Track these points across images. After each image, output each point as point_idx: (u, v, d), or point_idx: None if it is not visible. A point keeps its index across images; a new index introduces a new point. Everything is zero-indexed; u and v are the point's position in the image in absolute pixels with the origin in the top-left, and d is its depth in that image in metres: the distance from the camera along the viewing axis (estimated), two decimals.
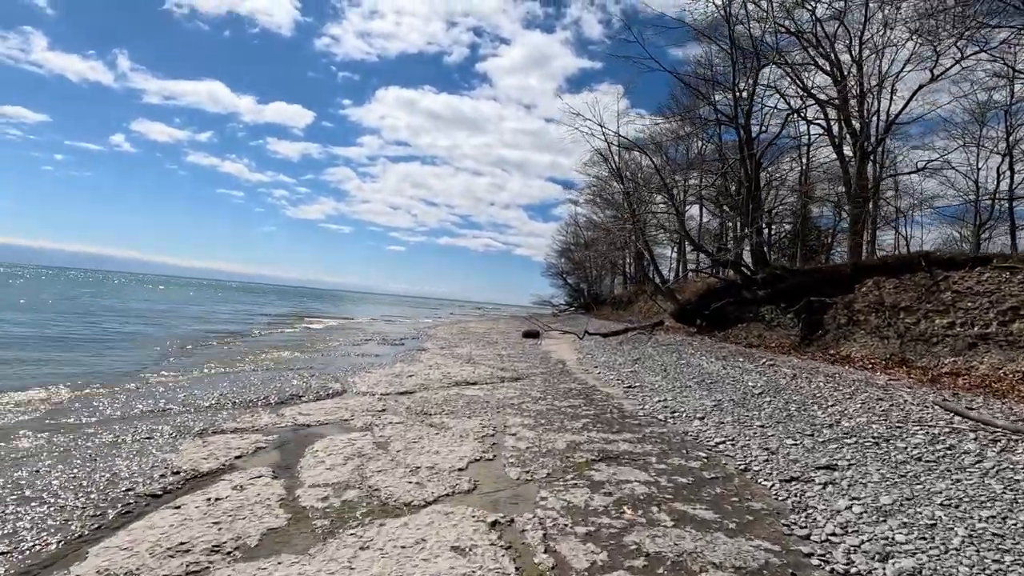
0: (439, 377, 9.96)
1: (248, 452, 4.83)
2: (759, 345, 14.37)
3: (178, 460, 4.42)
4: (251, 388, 7.93)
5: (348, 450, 5.02)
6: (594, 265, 60.50)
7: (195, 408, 6.52)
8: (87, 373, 8.85)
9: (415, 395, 8.17)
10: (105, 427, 5.43)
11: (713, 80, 18.48)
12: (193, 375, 9.23)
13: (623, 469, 4.76)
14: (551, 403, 7.79)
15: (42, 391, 7.32)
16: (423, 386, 8.97)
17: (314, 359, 12.24)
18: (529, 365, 12.56)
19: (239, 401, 6.99)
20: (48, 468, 4.10)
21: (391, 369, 10.76)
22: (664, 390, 8.74)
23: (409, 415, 6.67)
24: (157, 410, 6.29)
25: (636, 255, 41.10)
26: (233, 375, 9.35)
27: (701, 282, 20.31)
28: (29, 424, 5.54)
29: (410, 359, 12.78)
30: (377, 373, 10.10)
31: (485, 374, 10.65)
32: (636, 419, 6.90)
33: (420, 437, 5.59)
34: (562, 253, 74.10)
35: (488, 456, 5.02)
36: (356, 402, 7.34)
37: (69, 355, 10.97)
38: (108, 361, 10.39)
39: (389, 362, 12.18)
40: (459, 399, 7.85)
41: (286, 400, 7.33)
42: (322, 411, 6.65)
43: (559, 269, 77.98)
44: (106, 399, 6.77)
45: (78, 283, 63.05)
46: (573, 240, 66.85)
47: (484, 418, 6.62)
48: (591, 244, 58.02)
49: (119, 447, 4.70)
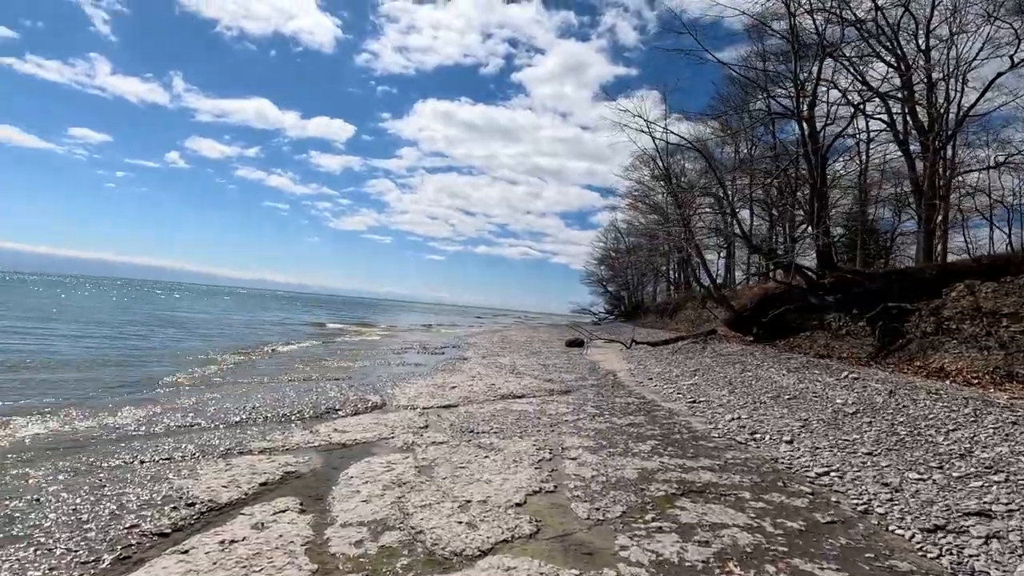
0: (483, 389, 9.27)
1: (275, 478, 4.23)
2: (829, 356, 13.10)
3: (195, 488, 3.85)
4: (286, 401, 7.42)
5: (387, 476, 4.37)
6: (636, 272, 58.96)
7: (223, 423, 6.02)
8: (121, 385, 8.57)
9: (459, 409, 7.50)
10: (124, 446, 4.96)
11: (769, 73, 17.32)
12: (227, 386, 8.83)
13: (713, 507, 3.92)
14: (609, 420, 6.97)
15: (71, 404, 7.00)
16: (467, 399, 8.30)
17: (353, 369, 11.77)
18: (578, 377, 11.74)
19: (272, 416, 6.47)
20: (50, 497, 3.59)
21: (432, 380, 10.15)
22: (735, 406, 7.79)
23: (454, 433, 5.99)
24: (183, 426, 5.82)
25: (681, 261, 39.67)
26: (269, 386, 8.91)
27: (757, 288, 19.02)
28: (45, 441, 5.12)
29: (452, 369, 12.16)
30: (418, 384, 9.49)
31: (532, 386, 9.90)
32: (711, 441, 6.01)
33: (468, 461, 4.89)
34: (602, 260, 72.66)
35: (548, 486, 4.27)
36: (396, 417, 6.72)
37: (106, 365, 10.83)
38: (143, 372, 10.15)
39: (430, 372, 11.59)
40: (507, 414, 7.13)
41: (322, 414, 6.78)
42: (359, 427, 6.05)
43: (599, 276, 76.58)
44: (132, 413, 6.37)
45: (136, 293, 65.71)
46: (613, 247, 65.54)
47: (537, 438, 5.87)
48: (633, 250, 56.66)
49: (133, 471, 4.18)
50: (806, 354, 13.61)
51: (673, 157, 39.47)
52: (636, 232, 53.06)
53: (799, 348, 14.71)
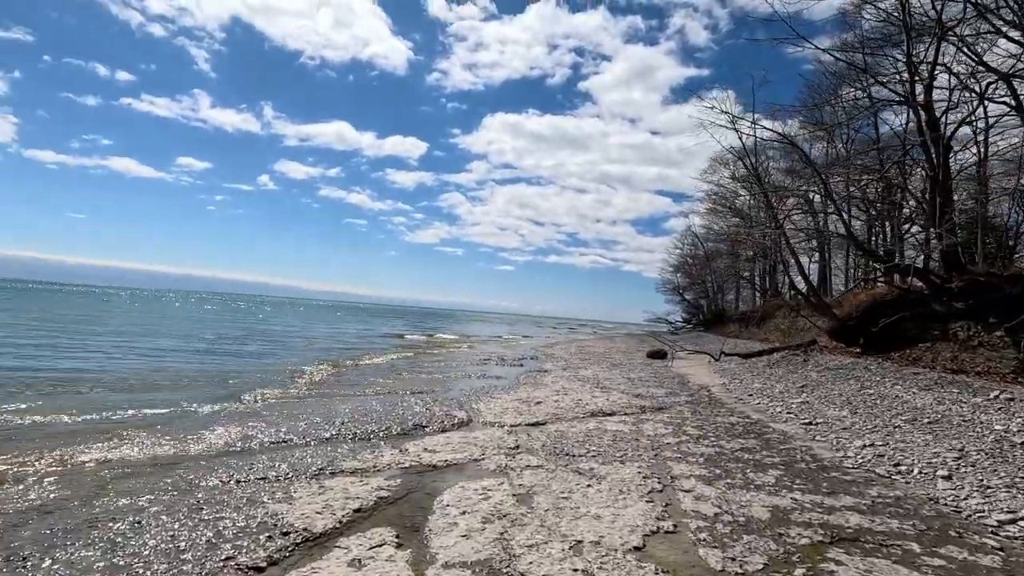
0: (571, 405, 8.79)
1: (368, 504, 3.99)
2: (962, 371, 11.48)
3: (290, 514, 3.66)
4: (372, 416, 7.31)
5: (484, 506, 4.00)
6: (716, 279, 56.15)
7: (314, 440, 5.93)
8: (215, 399, 8.85)
9: (548, 428, 7.07)
10: (220, 462, 4.93)
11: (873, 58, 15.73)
12: (315, 400, 8.91)
13: (878, 563, 3.24)
14: (717, 444, 6.28)
15: (169, 418, 7.23)
16: (555, 416, 7.86)
17: (434, 381, 11.67)
18: (668, 392, 10.98)
19: (359, 432, 6.34)
20: (151, 520, 3.51)
21: (516, 394, 9.79)
22: (862, 430, 6.83)
23: (548, 456, 5.56)
24: (276, 442, 5.78)
25: (769, 266, 37.19)
26: (355, 400, 8.91)
27: (864, 294, 17.22)
28: (146, 457, 5.20)
29: (534, 383, 11.77)
30: (502, 399, 9.17)
31: (621, 402, 9.30)
32: (845, 473, 5.20)
33: (569, 490, 4.44)
34: (678, 267, 69.99)
35: (667, 525, 3.74)
36: (484, 435, 6.39)
37: (201, 379, 11.35)
38: (236, 385, 10.51)
39: (512, 385, 11.26)
40: (601, 435, 6.62)
41: (409, 431, 6.58)
42: (448, 447, 5.77)
43: (675, 284, 73.75)
44: (227, 428, 6.44)
45: (231, 306, 70.86)
46: (691, 253, 62.99)
47: (640, 463, 5.32)
48: (712, 256, 54.10)
49: (229, 492, 4.08)
50: (931, 369, 12.04)
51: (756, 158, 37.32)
52: (715, 237, 50.71)
53: (920, 361, 13.06)
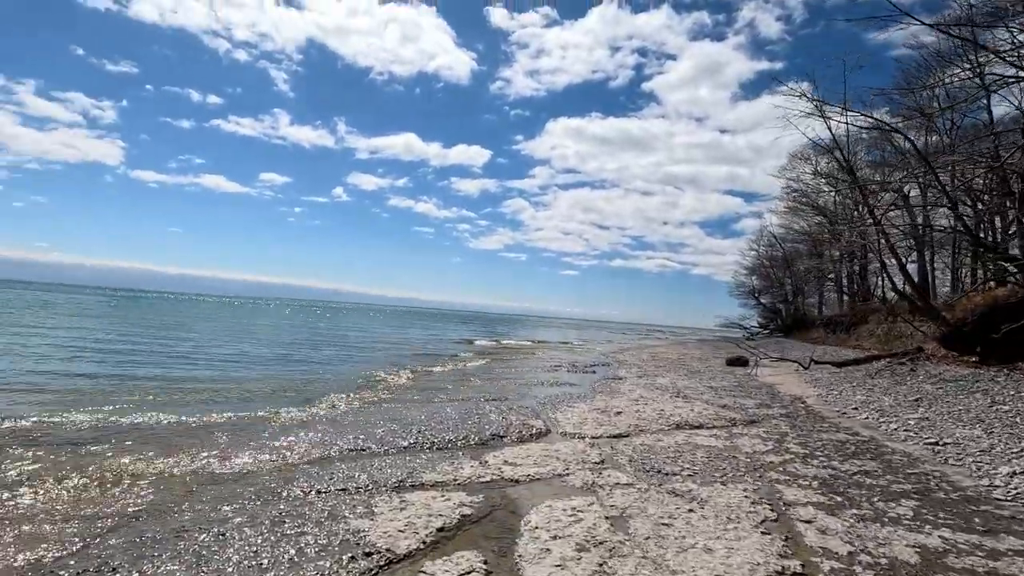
0: (653, 416, 8.24)
1: (452, 522, 3.72)
2: None
3: (372, 532, 3.46)
4: (448, 424, 7.12)
5: (577, 530, 3.64)
6: (796, 281, 52.75)
7: (392, 448, 5.79)
8: (294, 404, 9.00)
9: (632, 440, 6.59)
10: (301, 471, 4.86)
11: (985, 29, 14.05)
12: (391, 406, 8.87)
13: None
14: (829, 465, 5.58)
15: (252, 425, 7.36)
16: (638, 428, 7.36)
17: (506, 388, 11.42)
18: (758, 403, 10.15)
19: (437, 441, 6.15)
20: (234, 532, 3.41)
21: (593, 403, 9.34)
22: (1006, 454, 5.86)
23: (638, 473, 5.11)
24: (355, 450, 5.67)
25: (859, 268, 34.42)
26: (428, 405, 8.79)
27: (980, 297, 15.36)
28: (230, 464, 5.22)
29: (610, 391, 11.25)
30: (579, 408, 8.75)
31: (708, 414, 8.63)
32: (999, 506, 4.41)
33: (669, 515, 3.98)
34: (753, 270, 66.54)
35: (794, 566, 3.21)
36: (565, 448, 6.01)
37: (279, 384, 11.68)
38: (313, 390, 10.70)
39: (587, 393, 10.81)
40: (692, 450, 6.07)
41: (487, 441, 6.32)
42: (529, 459, 5.44)
43: (750, 288, 70.15)
44: (306, 435, 6.43)
45: (308, 312, 74.51)
46: (767, 254, 59.69)
47: (746, 486, 4.76)
48: (792, 258, 50.94)
49: (310, 504, 3.95)
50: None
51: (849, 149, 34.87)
52: (795, 237, 47.72)
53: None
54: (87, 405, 7.62)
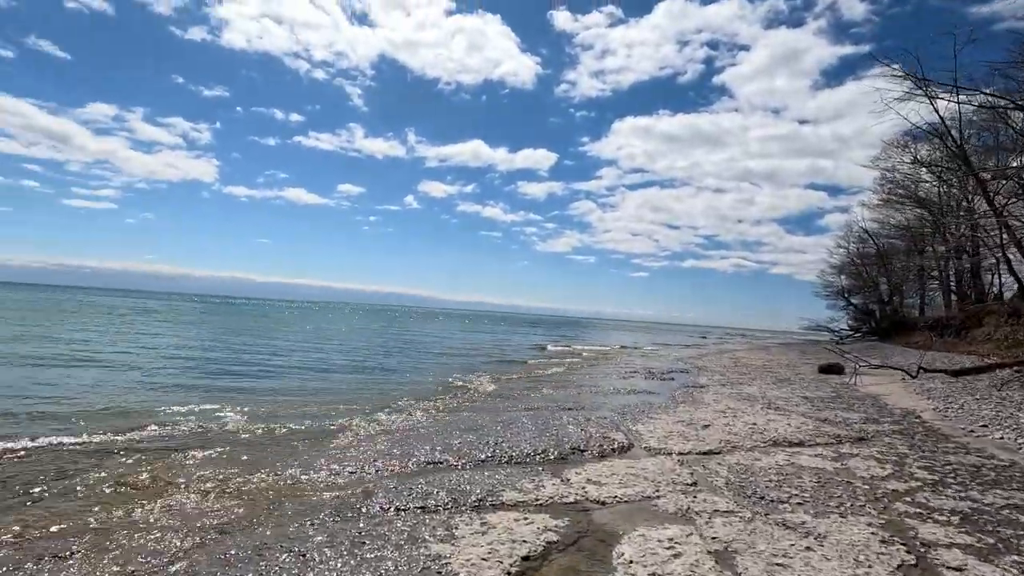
0: (745, 431, 7.59)
1: (537, 550, 3.44)
2: None
3: (455, 560, 3.23)
4: (525, 435, 6.86)
5: (677, 567, 3.24)
6: (896, 279, 48.39)
7: (470, 462, 5.59)
8: (372, 409, 9.07)
9: (725, 458, 6.03)
10: (380, 485, 4.75)
11: None
12: (466, 413, 8.74)
13: None
14: (967, 495, 4.80)
15: (332, 428, 7.43)
16: (730, 444, 6.76)
17: (581, 396, 11.03)
18: (864, 417, 9.16)
19: (515, 455, 5.89)
20: (314, 554, 3.30)
21: (676, 415, 8.77)
22: None
23: (737, 498, 4.61)
24: (432, 462, 5.53)
25: (971, 265, 30.94)
26: (503, 414, 8.58)
27: None
28: (314, 471, 5.20)
29: (693, 401, 10.59)
30: (662, 420, 8.23)
31: (808, 429, 7.85)
32: None
33: (783, 552, 3.49)
34: (842, 268, 61.83)
35: None
36: (652, 465, 5.58)
37: (358, 388, 11.89)
38: (388, 396, 10.81)
39: (667, 403, 10.22)
40: (797, 472, 5.45)
41: (566, 455, 5.99)
42: (614, 478, 5.06)
43: (838, 287, 65.27)
44: (385, 443, 6.38)
45: (381, 317, 77.22)
46: (858, 251, 55.32)
47: (870, 519, 4.14)
48: (888, 255, 46.85)
49: (389, 523, 3.79)
50: None
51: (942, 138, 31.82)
52: (892, 232, 43.85)
53: None
54: (178, 411, 8.03)
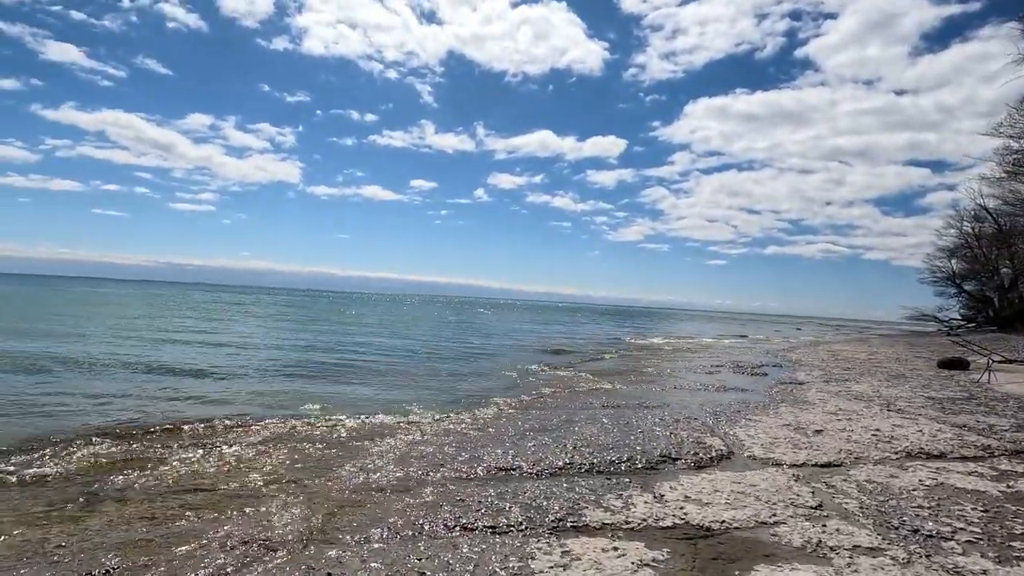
0: (867, 438, 6.47)
1: None
2: None
3: None
4: (607, 438, 6.16)
5: None
6: (1019, 263, 42.64)
7: (546, 469, 4.98)
8: (441, 403, 8.70)
9: (851, 473, 5.04)
10: (443, 493, 4.25)
11: None
12: (538, 410, 8.15)
13: None
14: None
15: (399, 423, 7.08)
16: (852, 455, 5.72)
17: (665, 393, 10.13)
18: (1015, 423, 7.67)
19: (597, 462, 5.21)
20: None
21: (779, 416, 7.72)
22: None
23: (880, 528, 3.69)
24: (504, 468, 4.97)
25: None
26: (580, 412, 7.91)
27: None
28: (376, 472, 4.80)
29: (794, 399, 9.41)
30: (764, 422, 7.23)
31: (946, 438, 6.59)
32: None
33: None
34: (953, 252, 55.56)
35: None
36: (762, 480, 4.72)
37: (428, 379, 11.61)
38: (458, 388, 10.42)
39: (765, 402, 9.12)
40: (952, 496, 4.39)
41: (655, 464, 5.24)
42: (718, 496, 4.27)
43: (948, 273, 58.77)
44: (452, 443, 5.92)
45: (456, 308, 78.46)
46: (974, 232, 49.44)
47: None
48: (1012, 235, 41.42)
49: (456, 549, 3.25)
50: None
51: None
52: (1016, 210, 38.77)
53: None
54: (269, 403, 8.01)
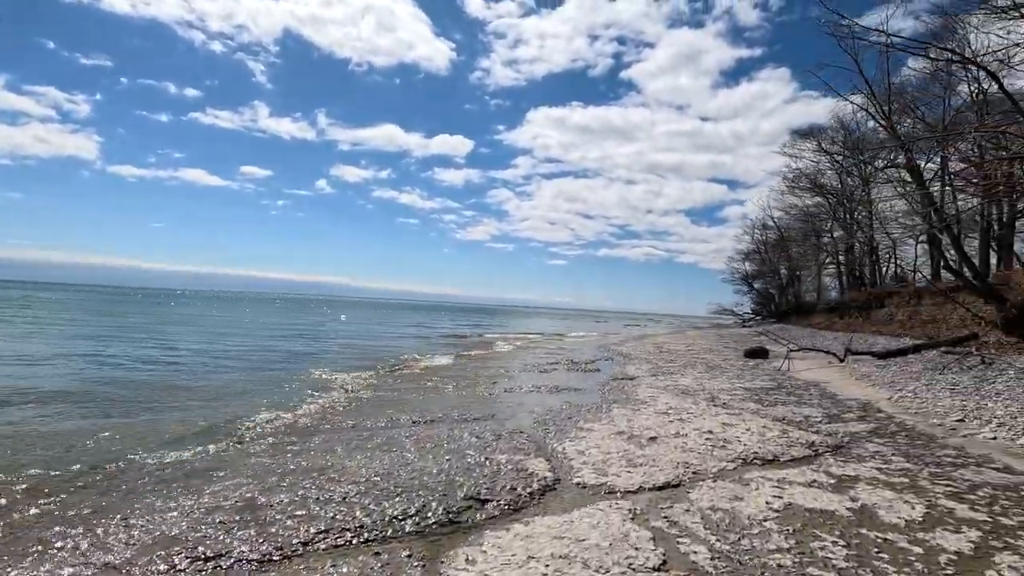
0: (701, 443, 5.78)
1: None
2: None
3: None
4: (400, 473, 4.57)
5: None
6: (796, 265, 50.64)
7: (291, 540, 3.22)
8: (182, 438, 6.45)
9: (694, 498, 4.11)
10: None
11: None
12: (326, 433, 6.32)
13: None
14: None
15: (113, 471, 4.80)
16: (689, 467, 4.88)
17: (494, 398, 8.90)
18: (824, 413, 7.75)
19: (369, 522, 3.55)
20: None
21: (611, 421, 6.85)
22: None
23: None
24: (214, 553, 3.10)
25: (869, 250, 32.20)
26: (380, 433, 6.24)
27: None
28: None
29: (626, 398, 8.78)
30: (596, 431, 6.25)
31: (773, 435, 6.19)
32: None
33: None
34: (747, 255, 64.76)
35: None
36: (591, 526, 3.51)
37: (199, 390, 9.08)
38: (231, 405, 8.15)
39: (598, 402, 8.33)
40: (806, 524, 3.59)
41: (456, 513, 3.77)
42: (532, 568, 2.92)
43: (743, 273, 68.51)
44: (176, 500, 3.88)
45: (293, 307, 71.18)
46: (762, 238, 57.76)
47: None
48: (789, 241, 48.83)
49: None
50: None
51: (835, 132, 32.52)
52: (793, 221, 45.79)
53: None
54: None
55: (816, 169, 36.67)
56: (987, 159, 12.87)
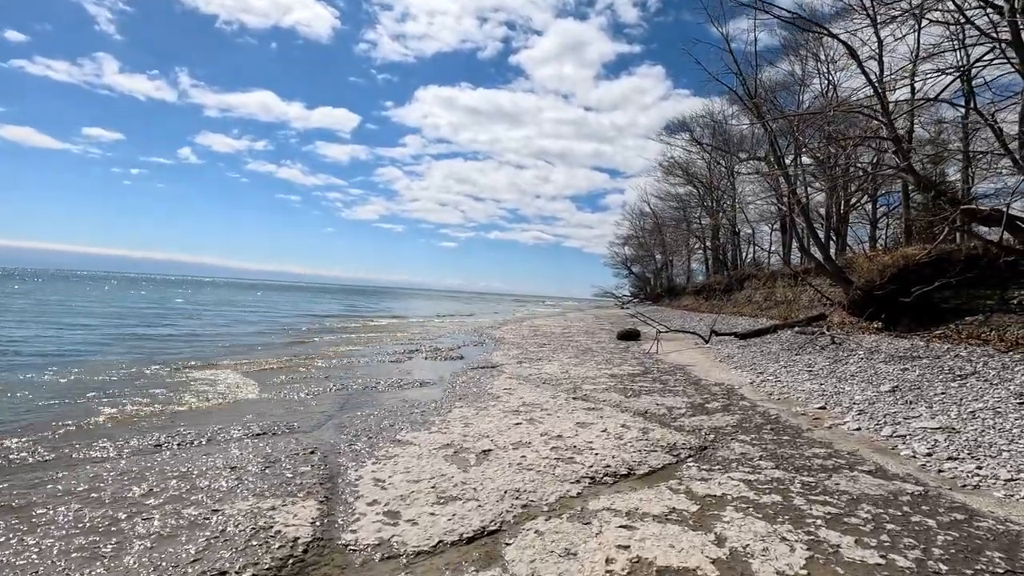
0: (544, 456, 4.59)
1: None
2: None
3: None
4: (102, 548, 2.80)
5: None
6: (668, 250, 53.46)
7: None
8: None
9: (510, 558, 2.83)
10: None
11: None
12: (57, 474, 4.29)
13: None
14: None
15: None
16: (519, 499, 3.63)
17: (310, 400, 7.16)
18: (688, 403, 7.03)
19: None
20: None
21: (445, 426, 5.47)
22: None
23: None
24: None
25: (730, 235, 34.31)
26: (138, 459, 4.32)
27: (888, 256, 13.94)
28: None
29: (477, 393, 7.48)
30: (416, 445, 4.81)
31: (632, 437, 5.20)
32: None
33: None
34: (626, 241, 67.68)
35: None
36: None
37: None
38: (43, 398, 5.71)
39: (441, 400, 6.95)
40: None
41: None
42: None
43: (623, 258, 71.69)
44: None
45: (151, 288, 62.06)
46: (639, 225, 60.41)
47: None
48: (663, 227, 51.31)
49: None
50: (1006, 350, 8.63)
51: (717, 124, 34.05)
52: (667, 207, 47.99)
53: (978, 338, 9.74)
54: None
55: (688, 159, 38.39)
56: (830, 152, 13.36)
